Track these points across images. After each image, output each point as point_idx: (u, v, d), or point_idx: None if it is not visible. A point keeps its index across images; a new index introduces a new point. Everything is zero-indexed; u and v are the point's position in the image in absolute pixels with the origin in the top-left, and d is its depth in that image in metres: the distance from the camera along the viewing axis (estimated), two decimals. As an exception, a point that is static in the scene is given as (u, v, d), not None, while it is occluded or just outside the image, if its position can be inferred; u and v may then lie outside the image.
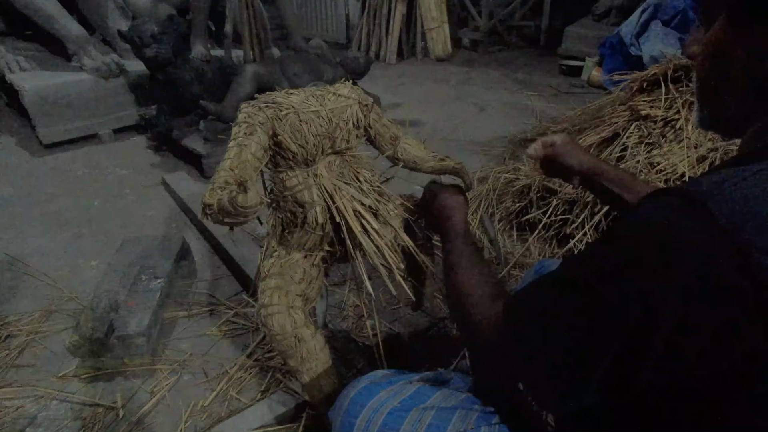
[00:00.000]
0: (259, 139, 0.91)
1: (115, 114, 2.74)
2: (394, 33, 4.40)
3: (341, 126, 0.99)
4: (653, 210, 0.42)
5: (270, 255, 1.05)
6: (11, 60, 2.62)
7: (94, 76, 2.61)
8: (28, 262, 1.70)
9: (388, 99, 3.42)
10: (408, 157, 1.12)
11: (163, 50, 2.23)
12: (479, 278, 0.67)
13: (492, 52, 4.82)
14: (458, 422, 0.67)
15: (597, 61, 3.71)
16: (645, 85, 1.81)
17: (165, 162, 2.53)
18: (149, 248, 1.59)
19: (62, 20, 2.58)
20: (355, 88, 1.06)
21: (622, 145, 1.75)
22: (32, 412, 1.16)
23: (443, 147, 2.61)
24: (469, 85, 3.83)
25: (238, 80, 2.40)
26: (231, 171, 0.87)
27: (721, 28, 0.46)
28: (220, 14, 3.03)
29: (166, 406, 1.18)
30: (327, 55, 2.75)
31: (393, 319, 1.45)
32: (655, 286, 0.39)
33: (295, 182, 0.98)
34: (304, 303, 1.01)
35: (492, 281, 0.67)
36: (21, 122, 2.87)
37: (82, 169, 2.43)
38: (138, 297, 1.37)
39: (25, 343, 1.35)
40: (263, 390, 1.21)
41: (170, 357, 1.32)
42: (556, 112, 3.10)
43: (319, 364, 0.99)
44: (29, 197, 2.15)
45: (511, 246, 1.78)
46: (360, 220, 0.98)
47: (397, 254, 1.00)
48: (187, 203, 2.00)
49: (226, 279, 1.64)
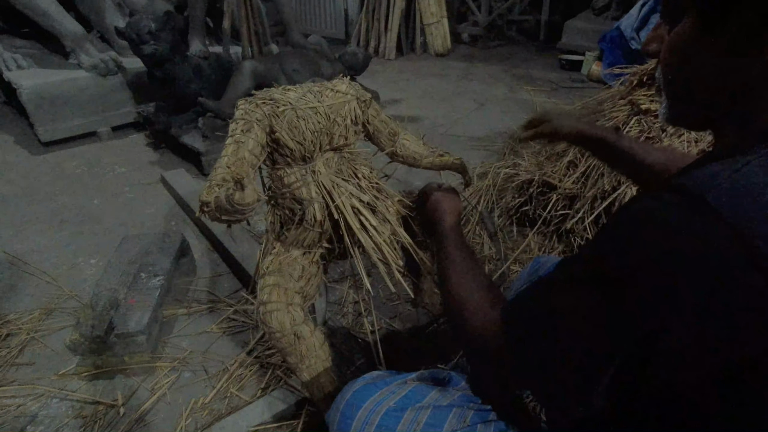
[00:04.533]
0: (256, 136, 0.91)
1: (114, 111, 2.73)
2: (393, 28, 4.39)
3: (339, 122, 0.98)
4: (653, 207, 0.41)
5: (269, 252, 1.05)
6: (8, 58, 2.60)
7: (91, 73, 2.60)
8: (28, 260, 1.70)
9: (387, 95, 3.41)
10: (407, 153, 1.12)
11: (161, 47, 2.21)
12: (473, 283, 0.66)
13: (491, 47, 4.81)
14: (454, 421, 0.67)
15: (597, 56, 3.69)
16: (645, 79, 1.80)
17: (164, 159, 2.52)
18: (149, 246, 1.59)
19: (59, 17, 2.57)
20: (354, 84, 1.05)
21: (622, 139, 1.74)
22: (33, 410, 1.16)
23: (443, 142, 2.60)
24: (468, 81, 3.82)
25: (237, 77, 2.39)
26: (228, 168, 0.87)
27: (691, 26, 0.45)
28: (218, 10, 3.01)
29: (167, 404, 1.19)
30: (325, 51, 2.74)
31: (392, 316, 1.45)
32: (663, 284, 0.38)
33: (293, 179, 0.98)
34: (303, 300, 1.01)
35: (487, 285, 0.66)
36: (19, 120, 2.87)
37: (81, 167, 2.42)
38: (138, 295, 1.37)
39: (25, 341, 1.35)
40: (263, 387, 1.21)
41: (170, 354, 1.32)
42: (555, 107, 3.08)
43: (318, 361, 0.99)
44: (28, 195, 2.15)
45: (511, 241, 1.77)
46: (358, 216, 0.98)
47: (396, 251, 1.00)
48: (187, 200, 1.99)
49: (226, 276, 1.64)
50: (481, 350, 0.58)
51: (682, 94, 0.49)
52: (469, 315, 0.61)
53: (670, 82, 0.50)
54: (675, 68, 0.48)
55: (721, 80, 0.44)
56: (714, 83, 0.45)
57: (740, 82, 0.43)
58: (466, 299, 0.63)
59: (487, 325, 0.57)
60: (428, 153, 1.13)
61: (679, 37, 0.46)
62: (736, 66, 0.42)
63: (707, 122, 0.50)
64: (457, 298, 0.65)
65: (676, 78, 0.49)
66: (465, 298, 0.64)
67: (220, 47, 2.86)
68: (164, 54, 2.24)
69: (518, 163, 2.10)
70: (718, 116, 0.47)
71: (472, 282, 0.66)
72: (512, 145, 2.54)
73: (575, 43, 3.99)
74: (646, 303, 0.39)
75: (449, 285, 0.68)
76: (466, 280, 0.67)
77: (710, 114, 0.48)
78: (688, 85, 0.48)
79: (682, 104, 0.50)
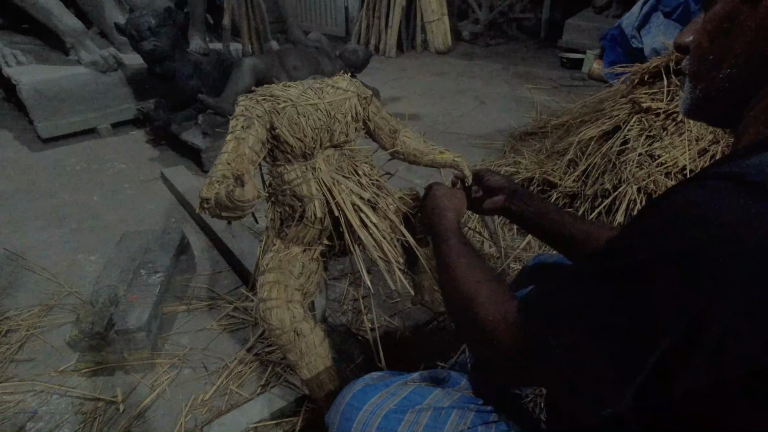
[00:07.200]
0: (256, 133, 0.91)
1: (114, 108, 2.73)
2: (394, 26, 4.37)
3: (340, 119, 0.98)
4: (701, 195, 0.39)
5: (269, 249, 1.05)
6: (8, 54, 2.60)
7: (91, 69, 2.60)
8: (28, 256, 1.70)
9: (388, 92, 3.40)
10: (407, 150, 1.12)
11: (161, 43, 2.21)
12: (482, 277, 0.64)
13: (492, 44, 4.80)
14: (455, 422, 0.66)
15: (598, 54, 3.69)
16: (646, 78, 1.80)
17: (164, 156, 2.52)
18: (148, 243, 1.59)
19: (59, 13, 2.56)
20: (354, 80, 1.05)
21: (623, 138, 1.74)
22: (33, 406, 1.17)
23: (443, 140, 2.60)
24: (469, 78, 3.81)
25: (237, 73, 2.39)
26: (228, 165, 0.87)
27: (728, 2, 0.45)
28: (218, 7, 3.01)
29: (167, 401, 1.19)
30: (326, 48, 2.73)
31: (392, 313, 1.45)
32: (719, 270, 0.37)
33: (294, 176, 0.98)
34: (303, 297, 1.01)
35: (495, 278, 0.64)
36: (19, 117, 2.86)
37: (81, 163, 2.42)
38: (137, 291, 1.37)
39: (24, 337, 1.35)
40: (263, 384, 1.22)
41: (170, 351, 1.32)
42: (556, 105, 3.08)
43: (318, 359, 0.99)
44: (28, 192, 2.14)
45: (512, 239, 1.77)
46: (359, 214, 0.98)
47: (396, 248, 1.00)
48: (186, 197, 1.99)
49: (226, 273, 1.64)
50: (493, 343, 0.56)
51: (710, 74, 0.48)
52: (479, 308, 0.59)
53: (699, 62, 0.49)
54: (706, 46, 0.48)
55: (751, 55, 0.44)
56: (744, 58, 0.45)
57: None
58: (475, 292, 0.62)
59: (500, 317, 0.55)
60: (429, 150, 1.13)
61: (715, 14, 0.47)
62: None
63: (728, 112, 0.49)
64: (465, 292, 0.63)
65: (705, 56, 0.48)
66: (474, 291, 0.62)
67: (221, 44, 2.86)
68: (164, 50, 2.23)
69: (519, 161, 2.10)
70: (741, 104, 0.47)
71: (481, 275, 0.65)
72: (513, 143, 2.54)
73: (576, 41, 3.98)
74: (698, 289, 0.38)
75: (455, 279, 0.67)
76: (473, 273, 0.66)
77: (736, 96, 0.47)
78: (716, 63, 0.47)
79: (709, 84, 0.49)
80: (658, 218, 0.43)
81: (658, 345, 0.40)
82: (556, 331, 0.47)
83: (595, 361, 0.45)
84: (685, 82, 0.52)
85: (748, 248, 0.36)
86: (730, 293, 0.36)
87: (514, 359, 0.54)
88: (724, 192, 0.38)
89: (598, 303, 0.44)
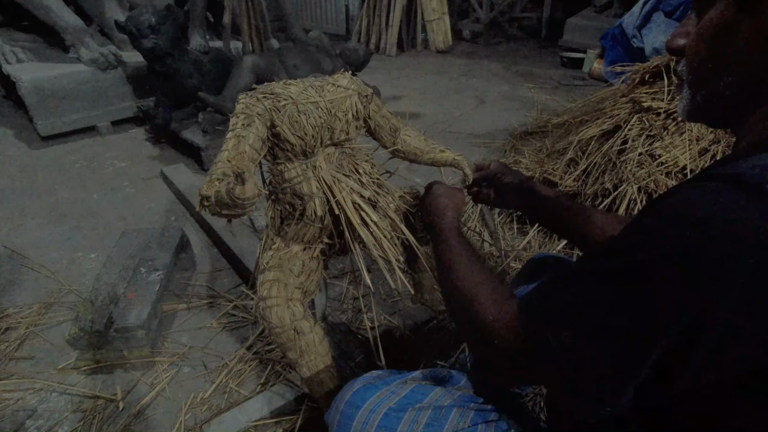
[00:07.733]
0: (257, 130, 0.90)
1: (114, 106, 2.73)
2: (394, 24, 4.37)
3: (340, 117, 0.98)
4: (700, 196, 0.40)
5: (269, 247, 1.05)
6: (8, 51, 2.59)
7: (91, 67, 2.59)
8: (27, 254, 1.69)
9: (388, 91, 3.40)
10: (408, 148, 1.11)
11: (161, 41, 2.20)
12: (482, 276, 0.64)
13: (493, 44, 4.79)
14: (455, 421, 0.66)
15: (598, 53, 3.69)
16: (647, 77, 1.80)
17: (164, 154, 2.52)
18: (148, 241, 1.59)
19: (59, 11, 2.55)
20: (355, 79, 1.05)
21: (624, 137, 1.73)
22: (32, 404, 1.16)
23: (443, 139, 2.59)
24: (469, 77, 3.81)
25: (237, 72, 2.38)
26: (228, 162, 0.86)
27: (724, 8, 0.45)
28: (218, 5, 3.00)
29: (166, 399, 1.19)
30: (326, 47, 2.73)
31: (392, 312, 1.45)
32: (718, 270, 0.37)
33: (294, 174, 0.97)
34: (302, 296, 1.01)
35: (495, 278, 0.64)
36: (18, 114, 2.86)
37: (81, 161, 2.42)
38: (137, 289, 1.37)
39: (24, 335, 1.35)
40: (263, 382, 1.21)
41: (170, 349, 1.32)
42: (557, 105, 3.08)
43: (317, 357, 0.99)
44: (28, 189, 2.14)
45: (512, 239, 1.77)
46: (359, 212, 0.98)
47: (397, 247, 1.00)
48: (186, 195, 1.99)
49: (226, 271, 1.64)
50: (493, 343, 0.56)
51: (709, 82, 0.48)
52: (479, 307, 0.59)
53: (696, 69, 0.49)
54: (704, 54, 0.48)
55: (752, 64, 0.44)
56: (744, 67, 0.44)
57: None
58: (476, 291, 0.61)
59: (500, 316, 0.55)
60: (430, 148, 1.12)
61: (711, 21, 0.46)
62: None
63: (729, 114, 0.49)
64: (465, 291, 0.63)
65: (704, 64, 0.48)
66: (474, 291, 0.62)
67: (221, 42, 2.85)
68: (164, 48, 2.23)
69: (519, 160, 2.10)
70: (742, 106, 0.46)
71: (481, 274, 0.65)
72: (513, 142, 2.54)
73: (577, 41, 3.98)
74: (698, 289, 0.38)
75: (455, 279, 0.67)
76: (474, 272, 0.65)
77: (737, 101, 0.47)
78: (716, 71, 0.47)
79: (709, 92, 0.49)
80: (658, 218, 0.43)
81: (657, 345, 0.40)
82: (556, 330, 0.47)
83: (595, 360, 0.45)
84: (683, 87, 0.52)
85: (748, 248, 0.36)
86: (729, 293, 0.37)
87: (514, 359, 0.54)
88: (723, 193, 0.38)
89: (598, 303, 0.44)
